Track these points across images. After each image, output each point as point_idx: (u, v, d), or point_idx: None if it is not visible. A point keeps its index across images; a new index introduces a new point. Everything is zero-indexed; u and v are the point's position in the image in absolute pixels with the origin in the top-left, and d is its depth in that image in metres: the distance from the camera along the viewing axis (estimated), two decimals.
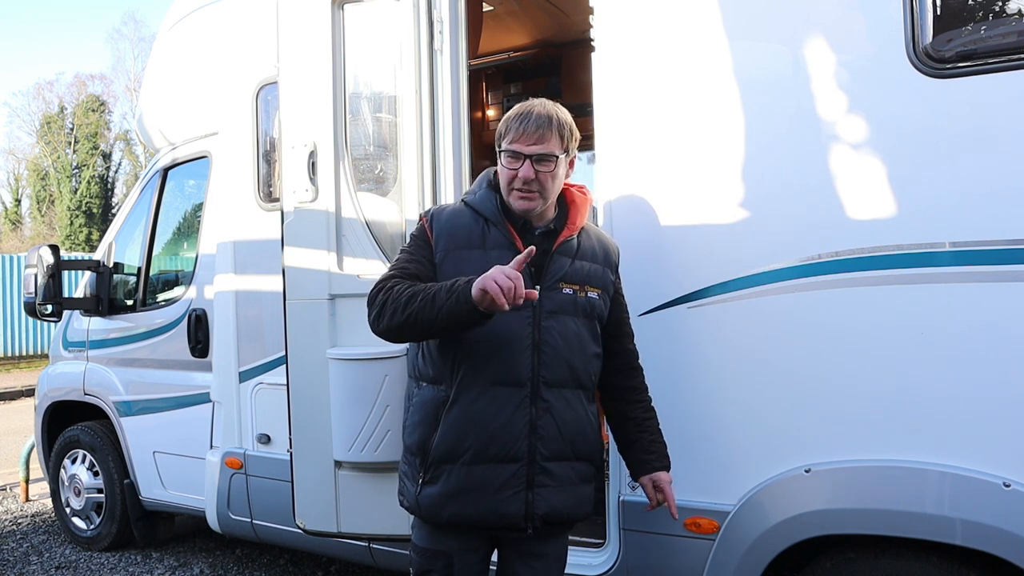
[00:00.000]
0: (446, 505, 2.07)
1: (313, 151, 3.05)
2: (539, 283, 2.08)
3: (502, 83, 5.64)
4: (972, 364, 2.17)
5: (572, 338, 2.11)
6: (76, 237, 31.45)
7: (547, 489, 2.08)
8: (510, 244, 2.09)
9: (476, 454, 2.04)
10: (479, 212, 2.14)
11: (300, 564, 4.47)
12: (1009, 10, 2.17)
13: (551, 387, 2.08)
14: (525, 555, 2.17)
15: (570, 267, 2.13)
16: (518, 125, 2.07)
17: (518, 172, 2.07)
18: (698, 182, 2.55)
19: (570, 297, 2.11)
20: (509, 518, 2.06)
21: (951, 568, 2.23)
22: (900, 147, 2.26)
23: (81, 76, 37.74)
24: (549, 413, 2.07)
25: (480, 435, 2.04)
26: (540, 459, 2.07)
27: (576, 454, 2.14)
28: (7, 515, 5.70)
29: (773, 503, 2.42)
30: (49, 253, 4.32)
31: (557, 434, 2.09)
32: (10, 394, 12.22)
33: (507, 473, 2.05)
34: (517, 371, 2.05)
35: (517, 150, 2.06)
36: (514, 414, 2.04)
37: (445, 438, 2.06)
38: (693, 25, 2.55)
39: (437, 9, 2.95)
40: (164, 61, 4.43)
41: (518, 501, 2.05)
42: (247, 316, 3.73)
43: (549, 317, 2.08)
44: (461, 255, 2.09)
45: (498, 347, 2.04)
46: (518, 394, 2.05)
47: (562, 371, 2.09)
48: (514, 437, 2.05)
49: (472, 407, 2.05)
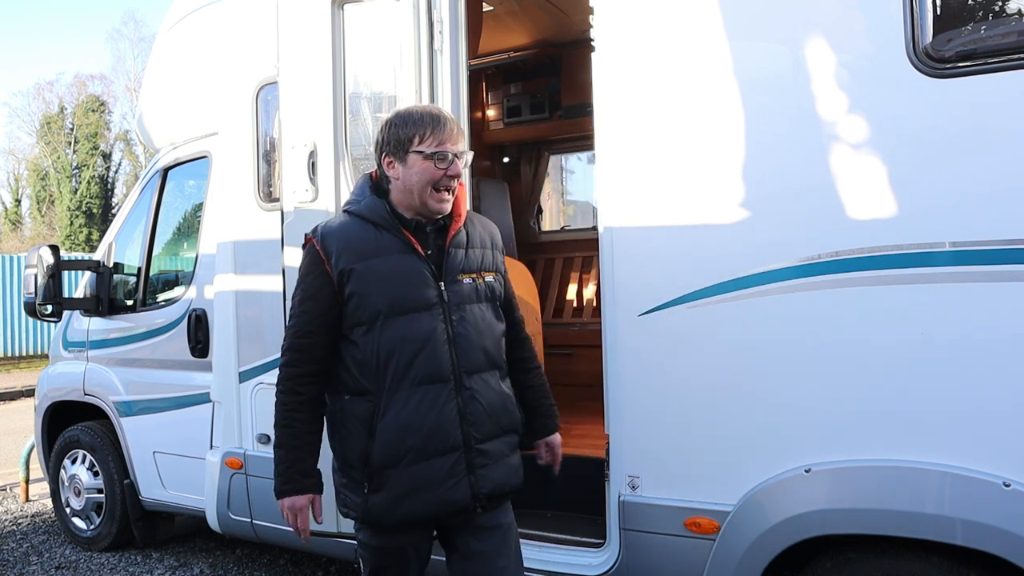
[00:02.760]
0: (397, 508, 2.13)
1: (313, 151, 3.05)
2: (441, 279, 2.16)
3: (502, 83, 5.65)
4: (972, 364, 2.17)
5: (480, 324, 2.21)
6: (76, 237, 31.45)
7: (486, 468, 2.17)
8: (407, 247, 2.15)
9: (417, 453, 2.11)
10: (369, 220, 2.17)
11: (300, 564, 4.47)
12: (1009, 10, 2.17)
13: (471, 374, 2.17)
14: (476, 530, 2.24)
15: (465, 258, 2.21)
16: (436, 127, 2.12)
17: (447, 171, 2.12)
18: (698, 182, 2.55)
19: (471, 286, 2.20)
20: (458, 504, 2.15)
21: (951, 568, 2.23)
22: (900, 147, 2.26)
23: (81, 76, 37.74)
24: (475, 399, 2.17)
25: (417, 436, 2.10)
26: (475, 443, 2.16)
27: (502, 429, 2.24)
28: (7, 515, 5.70)
29: (773, 503, 2.42)
30: (49, 253, 4.32)
31: (485, 416, 2.18)
32: (10, 394, 12.22)
33: (448, 463, 2.13)
34: (439, 368, 2.12)
35: (447, 150, 2.12)
36: (444, 407, 2.12)
37: (384, 446, 2.11)
38: (693, 25, 2.55)
39: (437, 9, 2.95)
40: (164, 61, 4.43)
41: (463, 486, 2.14)
42: (247, 316, 3.73)
43: (457, 309, 2.17)
44: (364, 267, 2.12)
45: (418, 349, 2.11)
46: (444, 388, 2.13)
47: (478, 357, 2.18)
48: (448, 429, 2.13)
49: (404, 411, 2.10)
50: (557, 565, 2.90)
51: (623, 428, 2.69)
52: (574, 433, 3.65)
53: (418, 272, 2.14)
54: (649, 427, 2.65)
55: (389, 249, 2.13)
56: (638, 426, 2.67)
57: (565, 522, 3.19)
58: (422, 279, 2.14)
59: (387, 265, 2.12)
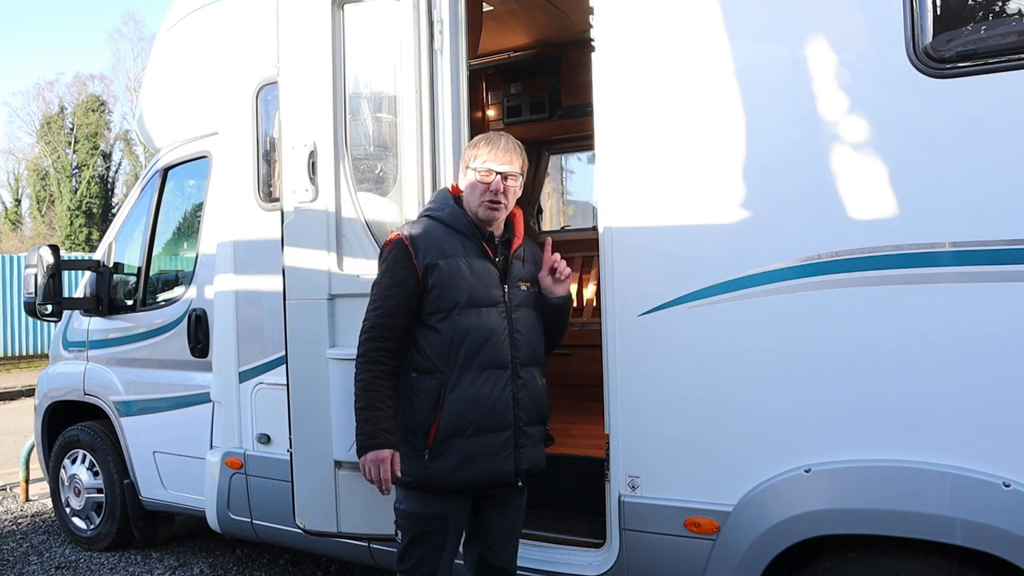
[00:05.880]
0: (456, 473, 2.43)
1: (313, 151, 3.05)
2: (506, 283, 2.52)
3: (502, 83, 5.64)
4: (972, 364, 2.17)
5: (532, 325, 2.57)
6: (76, 237, 31.44)
7: (527, 448, 2.51)
8: (483, 253, 2.51)
9: (479, 427, 2.43)
10: (450, 225, 2.51)
11: (300, 564, 4.47)
12: (1009, 10, 2.17)
13: (523, 366, 2.51)
14: (500, 506, 2.59)
15: (522, 269, 2.58)
16: (490, 148, 2.48)
17: (490, 186, 2.45)
18: (698, 182, 2.55)
19: (525, 292, 2.57)
20: (505, 475, 2.47)
21: (951, 568, 2.23)
22: (900, 147, 2.26)
23: (81, 76, 37.63)
24: (525, 387, 2.51)
25: (480, 411, 2.43)
26: (522, 424, 2.50)
27: (539, 418, 2.57)
28: (7, 515, 5.71)
29: (773, 503, 2.42)
30: (49, 253, 4.32)
31: (531, 403, 2.52)
32: (10, 394, 12.22)
33: (501, 439, 2.46)
34: (501, 356, 2.47)
35: (492, 167, 2.46)
36: (503, 391, 2.46)
37: (452, 416, 2.42)
38: (693, 25, 2.55)
39: (437, 9, 2.95)
40: (164, 61, 4.43)
41: (511, 461, 2.47)
42: (247, 316, 3.73)
43: (516, 310, 2.52)
44: (448, 264, 2.45)
45: (485, 339, 2.44)
46: (504, 375, 2.47)
47: (529, 352, 2.53)
48: (504, 409, 2.46)
49: (470, 389, 2.43)
50: (557, 565, 2.90)
51: (623, 428, 2.69)
52: (574, 433, 3.64)
53: (490, 274, 2.49)
54: (649, 427, 2.65)
55: (469, 252, 2.48)
56: (638, 426, 2.67)
57: (565, 522, 3.20)
58: (492, 280, 2.49)
59: (469, 265, 2.46)
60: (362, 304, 2.56)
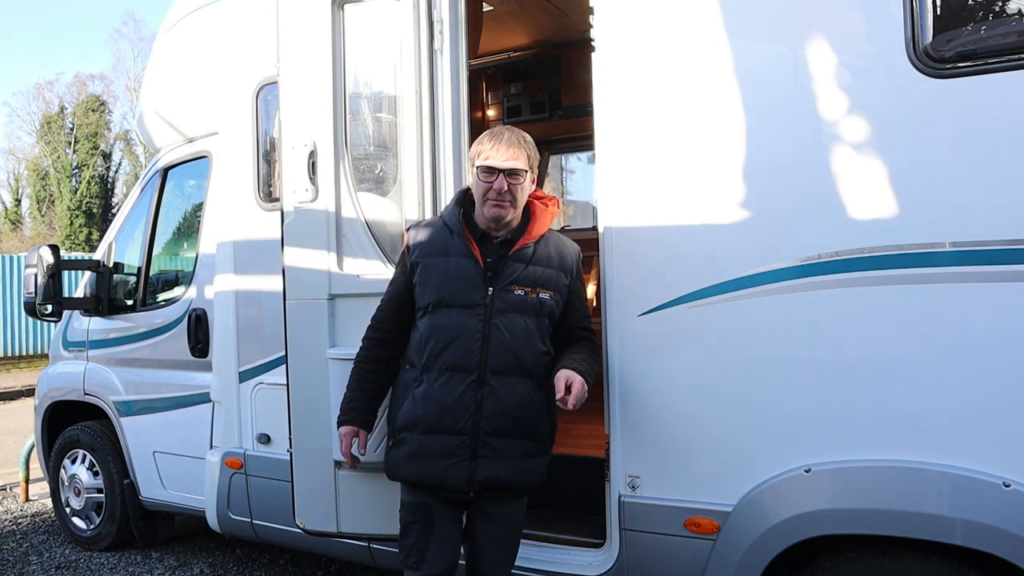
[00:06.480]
0: (403, 466, 2.49)
1: (313, 151, 3.05)
2: (493, 285, 2.43)
3: (502, 83, 5.65)
4: (972, 363, 2.17)
5: (520, 333, 2.44)
6: (76, 237, 31.43)
7: (487, 460, 2.42)
8: (468, 252, 2.45)
9: (429, 426, 2.43)
10: (447, 224, 2.52)
11: (300, 564, 4.47)
12: (1009, 10, 2.17)
13: (496, 374, 2.41)
14: (483, 515, 2.54)
15: (523, 272, 2.46)
16: (493, 144, 2.42)
17: (492, 184, 2.40)
18: (698, 182, 2.55)
19: (521, 298, 2.44)
20: (451, 482, 2.42)
21: (951, 568, 2.23)
22: (900, 147, 2.26)
23: (81, 76, 37.67)
24: (493, 396, 2.41)
25: (433, 409, 2.42)
26: (483, 434, 2.41)
27: (519, 432, 2.45)
28: (7, 515, 5.70)
29: (773, 503, 2.42)
30: (49, 253, 4.32)
31: (499, 413, 2.41)
32: (10, 394, 12.22)
33: (453, 444, 2.41)
34: (466, 360, 2.41)
35: (493, 165, 2.40)
36: (462, 395, 2.40)
37: (408, 410, 2.47)
38: (693, 25, 2.55)
39: (437, 9, 2.95)
40: (164, 61, 4.42)
41: (461, 469, 2.41)
42: (247, 316, 3.73)
43: (499, 315, 2.42)
44: (428, 263, 2.48)
45: (453, 339, 2.42)
46: (466, 379, 2.41)
47: (508, 361, 2.42)
48: (461, 414, 2.40)
49: (432, 388, 2.44)
50: (557, 565, 2.90)
51: (623, 428, 2.69)
52: (574, 433, 3.65)
53: (469, 276, 2.43)
54: (649, 427, 2.65)
55: (454, 252, 2.46)
56: (638, 426, 2.67)
57: (565, 522, 3.19)
58: (471, 283, 2.43)
59: (445, 265, 2.45)
60: (362, 304, 2.57)
